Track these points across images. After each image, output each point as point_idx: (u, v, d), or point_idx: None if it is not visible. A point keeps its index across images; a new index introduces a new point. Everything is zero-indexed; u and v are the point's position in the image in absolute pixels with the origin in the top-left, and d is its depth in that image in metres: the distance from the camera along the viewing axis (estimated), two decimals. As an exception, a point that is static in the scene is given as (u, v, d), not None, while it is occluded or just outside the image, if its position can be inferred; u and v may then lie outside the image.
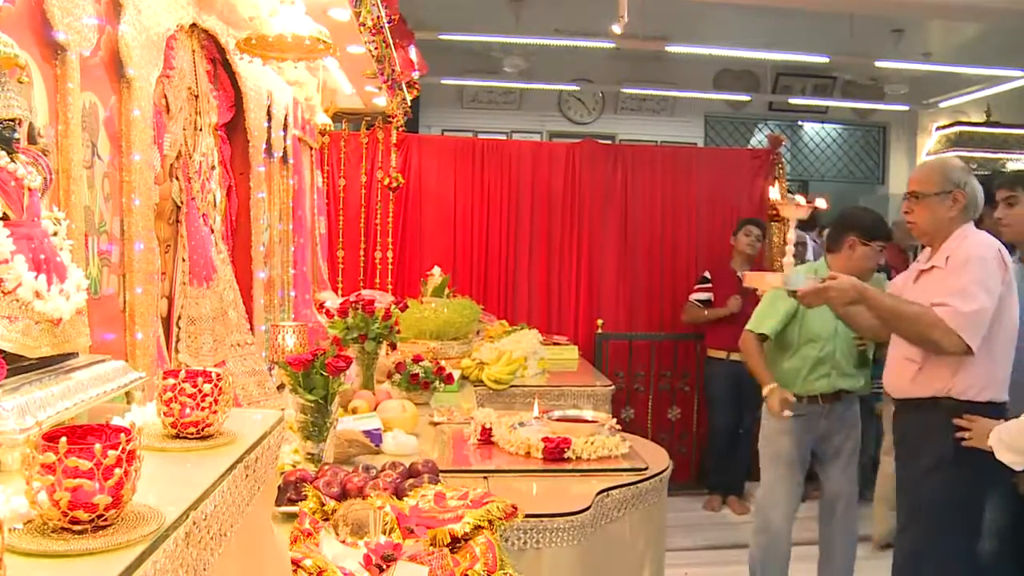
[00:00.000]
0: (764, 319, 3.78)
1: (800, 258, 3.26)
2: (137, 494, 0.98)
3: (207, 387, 1.29)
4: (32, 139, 1.47)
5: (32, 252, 1.28)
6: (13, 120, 1.30)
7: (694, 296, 5.74)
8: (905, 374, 3.03)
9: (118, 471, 0.91)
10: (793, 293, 3.02)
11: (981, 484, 2.96)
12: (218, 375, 1.31)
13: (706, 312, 5.63)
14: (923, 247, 3.23)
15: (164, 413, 1.29)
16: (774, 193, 3.22)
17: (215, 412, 1.30)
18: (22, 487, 0.92)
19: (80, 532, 0.91)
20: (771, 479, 3.92)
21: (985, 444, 2.72)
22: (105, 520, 0.92)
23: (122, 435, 0.94)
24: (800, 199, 3.07)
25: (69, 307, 1.33)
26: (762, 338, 3.79)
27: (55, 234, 1.40)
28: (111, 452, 0.90)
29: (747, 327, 3.84)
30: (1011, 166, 8.74)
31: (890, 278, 4.18)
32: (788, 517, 3.90)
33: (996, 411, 2.88)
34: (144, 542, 0.91)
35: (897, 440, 3.17)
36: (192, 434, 1.29)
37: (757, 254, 5.68)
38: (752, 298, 5.38)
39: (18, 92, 1.32)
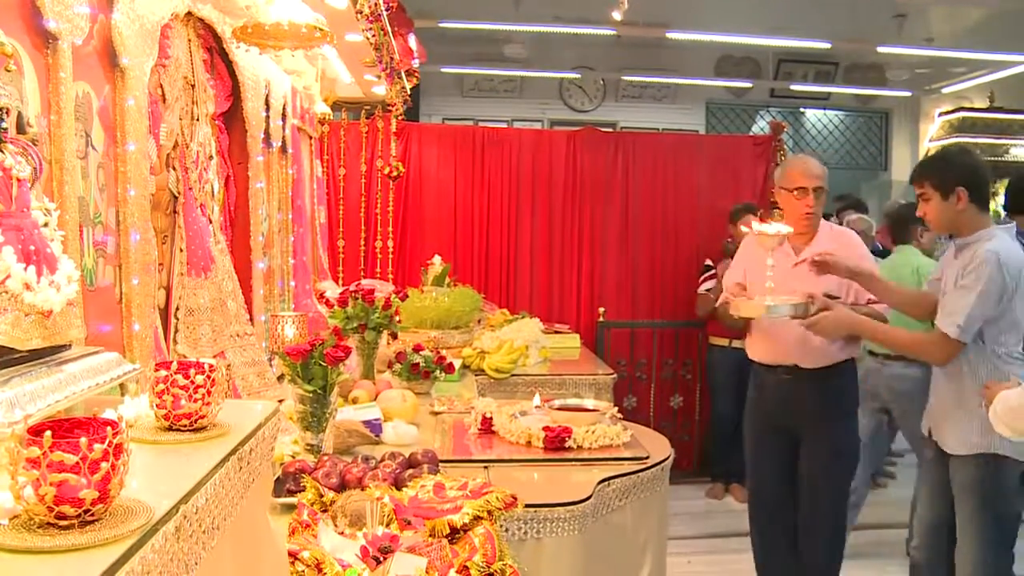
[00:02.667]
0: None
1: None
2: (128, 487, 0.97)
3: (200, 378, 1.28)
4: (21, 129, 1.46)
5: (21, 243, 1.27)
6: (1, 109, 1.29)
7: (702, 288, 5.71)
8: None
9: (104, 465, 0.89)
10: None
11: None
12: (211, 366, 1.30)
13: (713, 296, 5.59)
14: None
15: (156, 405, 1.28)
16: (756, 226, 3.23)
17: (208, 404, 1.29)
18: (7, 482, 0.91)
19: (66, 528, 0.90)
20: None
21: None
22: (92, 515, 0.91)
23: (109, 428, 0.92)
24: (769, 228, 3.14)
25: (60, 299, 1.31)
26: None
27: (45, 225, 1.38)
28: (97, 446, 0.89)
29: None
30: (1014, 151, 8.72)
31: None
32: None
33: None
34: (132, 537, 0.89)
35: None
36: (185, 426, 1.28)
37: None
38: None
39: (7, 81, 1.31)
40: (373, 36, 3.30)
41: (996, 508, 2.95)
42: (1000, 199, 8.68)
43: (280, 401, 2.33)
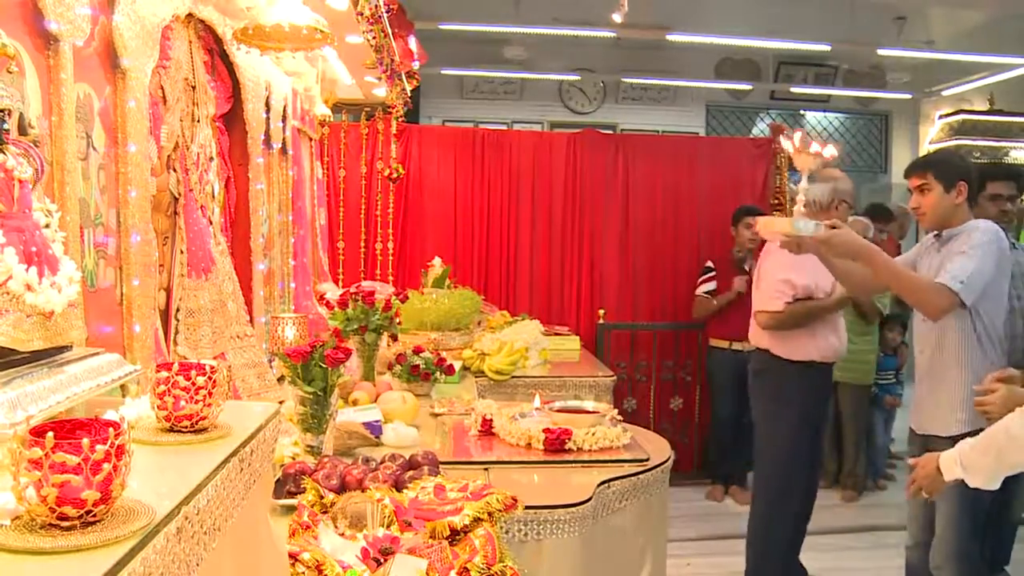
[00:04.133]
0: None
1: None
2: (129, 488, 0.96)
3: (201, 380, 1.28)
4: (23, 130, 1.46)
5: (23, 244, 1.27)
6: (3, 111, 1.29)
7: (700, 289, 5.70)
8: None
9: (106, 466, 0.89)
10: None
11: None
12: (212, 367, 1.30)
13: (715, 301, 5.60)
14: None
15: (157, 406, 1.28)
16: (786, 144, 3.15)
17: (209, 405, 1.29)
18: (9, 483, 0.91)
19: (68, 528, 0.89)
20: None
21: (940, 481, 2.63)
22: (94, 516, 0.91)
23: (110, 429, 0.92)
24: (815, 146, 3.04)
25: (61, 300, 1.31)
26: None
27: (47, 226, 1.38)
28: (99, 447, 0.89)
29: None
30: (1014, 154, 8.71)
31: None
32: None
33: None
34: (133, 538, 0.89)
35: None
36: (186, 427, 1.28)
37: (758, 245, 5.64)
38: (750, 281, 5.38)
39: (8, 82, 1.31)
40: (373, 38, 3.31)
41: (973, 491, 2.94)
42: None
43: (280, 402, 2.32)
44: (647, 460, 2.59)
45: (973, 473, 2.51)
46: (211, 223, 2.95)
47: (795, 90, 9.85)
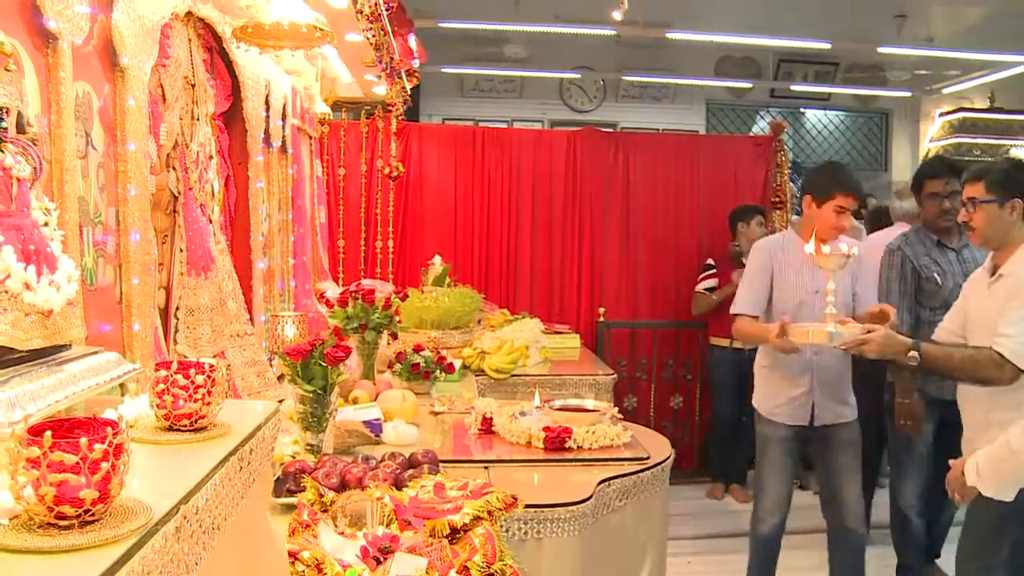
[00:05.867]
0: None
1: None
2: (128, 488, 0.96)
3: (200, 379, 1.28)
4: (21, 128, 1.45)
5: (21, 243, 1.27)
6: (1, 109, 1.28)
7: (700, 286, 5.70)
8: None
9: (105, 465, 0.89)
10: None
11: None
12: (211, 366, 1.30)
13: (714, 296, 5.58)
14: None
15: (157, 405, 1.28)
16: (809, 248, 3.13)
17: (208, 404, 1.29)
18: (7, 482, 0.91)
19: (66, 528, 0.89)
20: None
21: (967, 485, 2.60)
22: (92, 515, 0.90)
23: (109, 428, 0.92)
24: (842, 246, 3.05)
25: (60, 298, 1.31)
26: None
27: (46, 224, 1.38)
28: (97, 446, 0.88)
29: None
30: (1014, 152, 8.71)
31: None
32: None
33: None
34: (132, 537, 0.89)
35: None
36: (185, 426, 1.27)
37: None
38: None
39: (7, 81, 1.31)
40: (373, 36, 3.30)
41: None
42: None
43: (280, 401, 2.32)
44: (647, 458, 2.59)
45: (986, 481, 2.51)
46: (211, 221, 2.95)
47: (795, 88, 9.84)
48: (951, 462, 2.73)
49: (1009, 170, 2.88)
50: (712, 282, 5.66)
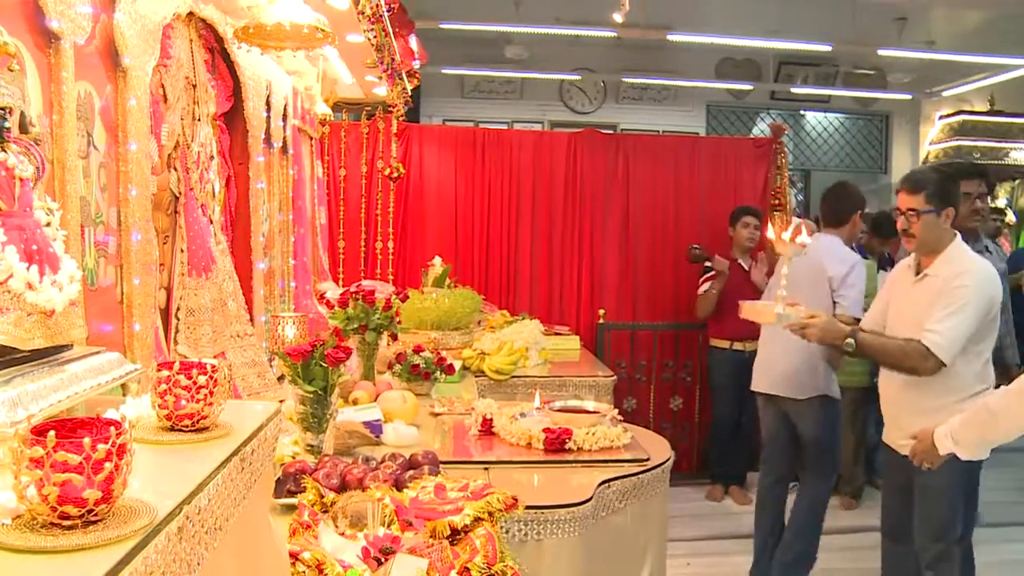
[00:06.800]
0: None
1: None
2: (131, 488, 0.96)
3: (202, 379, 1.28)
4: (24, 128, 1.45)
5: (24, 243, 1.27)
6: (4, 109, 1.29)
7: (702, 288, 5.69)
8: None
9: (108, 465, 0.89)
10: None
11: None
12: (213, 367, 1.30)
13: (713, 290, 5.55)
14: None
15: (159, 405, 1.28)
16: (770, 232, 3.35)
17: (210, 404, 1.29)
18: (10, 482, 0.91)
19: (70, 528, 0.89)
20: None
21: (936, 454, 2.83)
22: (95, 515, 0.90)
23: (112, 429, 0.92)
24: (797, 235, 3.20)
25: (62, 298, 1.31)
26: None
27: (48, 224, 1.38)
28: (100, 446, 0.88)
29: None
30: (1014, 155, 8.72)
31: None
32: None
33: None
34: (135, 537, 0.89)
35: None
36: (187, 426, 1.27)
37: (757, 244, 5.65)
38: (742, 278, 5.37)
39: (9, 81, 1.31)
40: (374, 37, 3.31)
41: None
42: (1001, 201, 8.69)
43: (281, 402, 2.32)
44: (647, 460, 2.59)
45: (962, 446, 2.70)
46: (211, 222, 2.95)
47: (795, 90, 9.85)
48: (914, 434, 2.95)
49: (943, 181, 3.19)
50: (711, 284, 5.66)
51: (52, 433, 0.88)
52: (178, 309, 2.63)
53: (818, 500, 4.13)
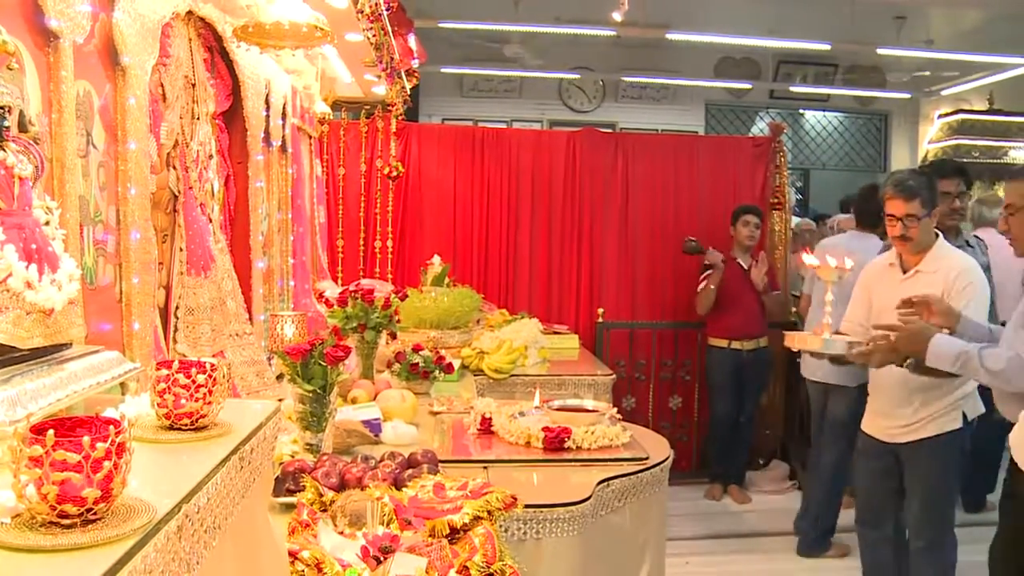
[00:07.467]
0: None
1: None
2: (130, 486, 0.96)
3: (201, 378, 1.28)
4: (23, 127, 1.45)
5: (23, 242, 1.27)
6: (3, 108, 1.29)
7: (701, 286, 5.68)
8: None
9: (107, 464, 0.89)
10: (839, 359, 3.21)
11: None
12: (212, 366, 1.30)
13: (712, 287, 5.54)
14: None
15: (158, 404, 1.28)
16: (809, 259, 3.33)
17: (209, 403, 1.29)
18: (9, 480, 0.91)
19: (69, 526, 0.89)
20: None
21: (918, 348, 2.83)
22: (94, 514, 0.90)
23: (111, 427, 0.92)
24: (831, 260, 3.13)
25: (61, 297, 1.31)
26: None
27: (47, 223, 1.38)
28: (100, 445, 0.89)
29: None
30: (1013, 154, 8.72)
31: None
32: None
33: None
34: (134, 536, 0.89)
35: None
36: (186, 425, 1.28)
37: (757, 243, 5.65)
38: (741, 277, 5.37)
39: (8, 79, 1.31)
40: (373, 36, 3.30)
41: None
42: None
43: (280, 400, 2.32)
44: (646, 459, 2.59)
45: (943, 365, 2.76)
46: (210, 221, 2.95)
47: (794, 89, 9.85)
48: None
49: (928, 183, 3.32)
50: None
51: (51, 432, 0.88)
52: (177, 308, 2.62)
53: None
